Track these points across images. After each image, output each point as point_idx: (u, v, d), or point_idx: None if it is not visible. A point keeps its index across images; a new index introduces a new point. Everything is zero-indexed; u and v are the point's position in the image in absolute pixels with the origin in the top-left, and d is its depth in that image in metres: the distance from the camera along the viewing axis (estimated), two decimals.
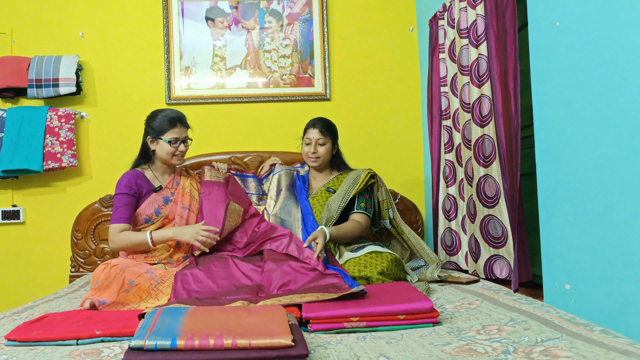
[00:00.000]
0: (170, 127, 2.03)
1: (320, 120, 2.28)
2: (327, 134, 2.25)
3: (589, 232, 1.45)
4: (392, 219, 2.24)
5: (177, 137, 2.04)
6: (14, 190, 2.70)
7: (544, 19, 1.65)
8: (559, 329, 1.15)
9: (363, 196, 2.19)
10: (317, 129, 2.25)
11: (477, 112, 1.99)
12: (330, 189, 2.26)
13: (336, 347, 1.14)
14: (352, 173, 2.23)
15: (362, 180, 2.14)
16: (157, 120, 2.04)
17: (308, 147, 2.27)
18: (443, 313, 1.44)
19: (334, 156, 2.34)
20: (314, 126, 2.27)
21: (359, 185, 2.13)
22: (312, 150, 2.24)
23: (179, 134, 2.05)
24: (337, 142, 2.34)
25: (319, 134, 2.24)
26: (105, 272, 1.71)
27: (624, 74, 1.30)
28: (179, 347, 0.99)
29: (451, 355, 1.05)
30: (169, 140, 2.03)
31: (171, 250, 2.01)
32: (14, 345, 1.21)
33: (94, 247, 2.59)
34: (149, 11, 2.84)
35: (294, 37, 2.89)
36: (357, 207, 2.17)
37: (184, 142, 2.08)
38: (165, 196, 2.08)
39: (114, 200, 1.99)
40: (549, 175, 1.66)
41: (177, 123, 2.05)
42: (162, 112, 2.07)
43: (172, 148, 2.04)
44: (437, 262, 2.08)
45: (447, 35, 2.34)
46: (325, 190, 2.26)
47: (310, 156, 2.26)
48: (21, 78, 2.60)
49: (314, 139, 2.24)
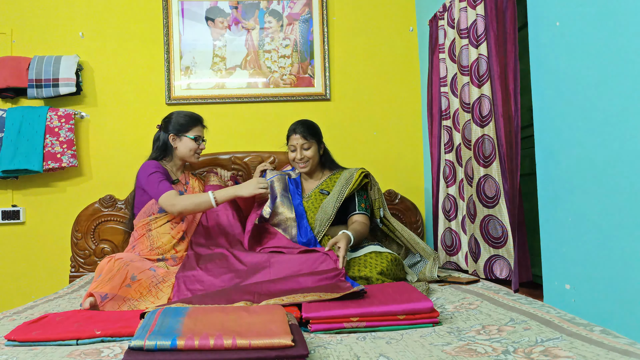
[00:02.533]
0: (195, 125, 2.17)
1: (301, 124, 2.24)
2: (310, 137, 2.21)
3: (589, 232, 1.45)
4: (383, 217, 2.23)
5: (200, 135, 2.18)
6: (14, 190, 2.70)
7: (544, 19, 1.65)
8: (559, 329, 1.15)
9: (362, 196, 2.17)
10: (298, 134, 2.20)
11: (477, 112, 1.99)
12: (324, 190, 2.23)
13: (336, 347, 1.14)
14: (345, 172, 2.21)
15: (355, 180, 2.13)
16: (182, 118, 2.17)
17: (294, 154, 2.23)
18: (443, 313, 1.44)
19: (322, 156, 2.31)
20: (295, 132, 2.22)
21: (352, 185, 2.12)
22: (299, 156, 2.21)
23: (202, 132, 2.20)
24: (322, 141, 2.30)
25: (302, 138, 2.20)
26: (109, 264, 1.75)
27: (624, 74, 1.30)
28: (179, 347, 0.99)
29: (451, 356, 1.05)
30: (194, 137, 2.15)
31: (175, 241, 2.04)
32: (13, 345, 1.21)
33: (93, 247, 2.59)
34: (149, 11, 2.84)
35: (294, 37, 2.89)
36: (358, 207, 2.15)
37: (204, 142, 2.21)
38: (180, 190, 2.16)
39: (151, 179, 2.00)
40: (549, 175, 1.66)
41: (200, 123, 2.20)
42: (185, 112, 2.20)
43: (196, 145, 2.16)
44: (434, 256, 2.08)
45: (447, 35, 2.34)
46: (319, 193, 2.23)
47: (298, 162, 2.23)
48: (21, 78, 2.60)
49: (298, 144, 2.20)
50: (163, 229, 2.04)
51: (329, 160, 2.33)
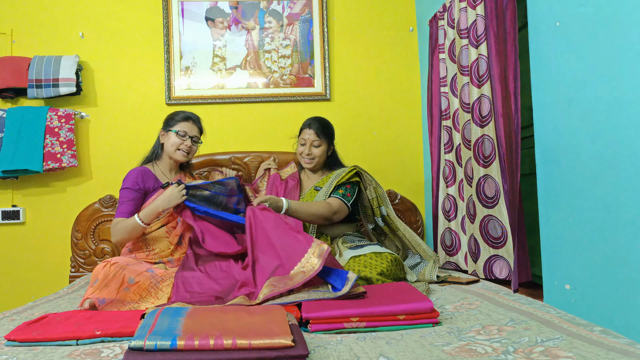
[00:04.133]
0: (181, 121, 2.11)
1: (317, 121, 2.23)
2: (322, 135, 2.20)
3: (589, 232, 1.45)
4: (387, 215, 2.19)
5: (185, 131, 2.10)
6: (14, 190, 2.70)
7: (544, 19, 1.65)
8: (558, 329, 1.15)
9: (344, 185, 2.13)
10: (312, 130, 2.20)
11: (476, 112, 1.99)
12: (318, 187, 2.22)
13: (336, 348, 1.14)
14: (339, 169, 2.21)
15: (343, 176, 2.10)
16: (173, 114, 2.16)
17: (302, 148, 2.22)
18: (443, 313, 1.44)
19: (329, 157, 2.30)
20: (309, 127, 2.21)
21: (341, 178, 2.10)
22: (307, 151, 2.20)
23: (189, 129, 2.11)
24: (333, 143, 2.30)
25: (315, 135, 2.19)
26: (105, 270, 1.70)
27: (624, 74, 1.30)
28: (179, 347, 0.99)
29: (451, 356, 1.05)
30: (176, 131, 2.08)
31: (172, 247, 2.01)
32: (13, 345, 1.21)
33: (93, 247, 2.59)
34: (149, 11, 2.84)
35: (294, 37, 2.89)
36: (334, 193, 2.11)
37: (192, 140, 2.12)
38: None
39: (119, 195, 2.00)
40: (549, 175, 1.66)
41: (190, 119, 2.13)
42: (180, 110, 2.18)
43: (179, 140, 2.09)
44: (435, 258, 2.06)
45: (447, 35, 2.34)
46: (313, 190, 2.23)
47: (305, 157, 2.22)
48: (21, 78, 2.60)
49: (309, 140, 2.20)
50: (158, 233, 2.01)
51: (334, 162, 2.32)
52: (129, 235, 1.94)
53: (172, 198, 1.91)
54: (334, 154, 2.33)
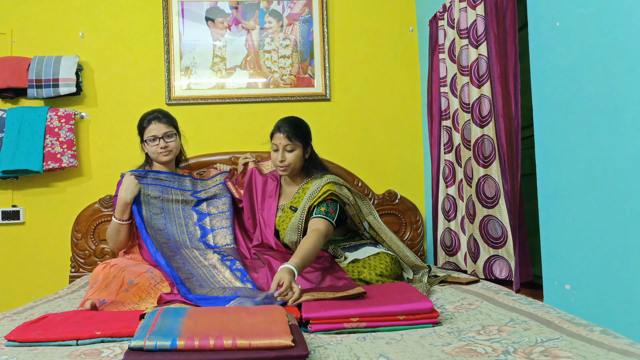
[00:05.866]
0: (146, 126, 2.08)
1: (288, 123, 2.00)
2: (295, 138, 1.97)
3: (589, 232, 1.45)
4: (370, 228, 2.07)
5: (154, 135, 2.06)
6: (14, 191, 2.70)
7: (544, 19, 1.65)
8: (558, 330, 1.15)
9: (325, 202, 1.92)
10: (282, 134, 1.96)
11: (476, 112, 1.99)
12: (293, 207, 2.03)
13: (336, 348, 1.15)
14: (313, 185, 1.98)
15: (317, 197, 1.91)
16: (138, 124, 2.11)
17: (276, 154, 1.99)
18: (443, 313, 1.44)
19: (307, 160, 2.07)
20: (279, 130, 1.98)
21: (314, 200, 1.91)
22: (280, 158, 1.97)
23: (156, 131, 2.06)
24: (310, 144, 2.08)
25: (286, 139, 1.96)
26: (104, 271, 1.70)
27: (624, 74, 1.30)
28: (179, 347, 0.99)
29: (451, 356, 1.05)
30: (145, 140, 2.08)
31: None
32: (13, 345, 1.21)
33: (93, 247, 2.59)
34: (149, 11, 2.84)
35: (294, 37, 2.89)
36: (316, 212, 1.89)
37: (164, 138, 2.07)
38: None
39: (114, 201, 2.00)
40: (549, 175, 1.66)
41: (153, 121, 2.07)
42: (143, 116, 2.12)
43: (154, 146, 2.06)
44: (423, 270, 1.98)
45: (447, 35, 2.34)
46: (289, 209, 2.05)
47: (279, 165, 1.99)
48: (21, 78, 2.60)
49: (281, 145, 1.96)
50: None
51: (313, 165, 2.10)
52: (116, 238, 1.95)
53: (130, 185, 1.92)
54: (313, 157, 2.10)
